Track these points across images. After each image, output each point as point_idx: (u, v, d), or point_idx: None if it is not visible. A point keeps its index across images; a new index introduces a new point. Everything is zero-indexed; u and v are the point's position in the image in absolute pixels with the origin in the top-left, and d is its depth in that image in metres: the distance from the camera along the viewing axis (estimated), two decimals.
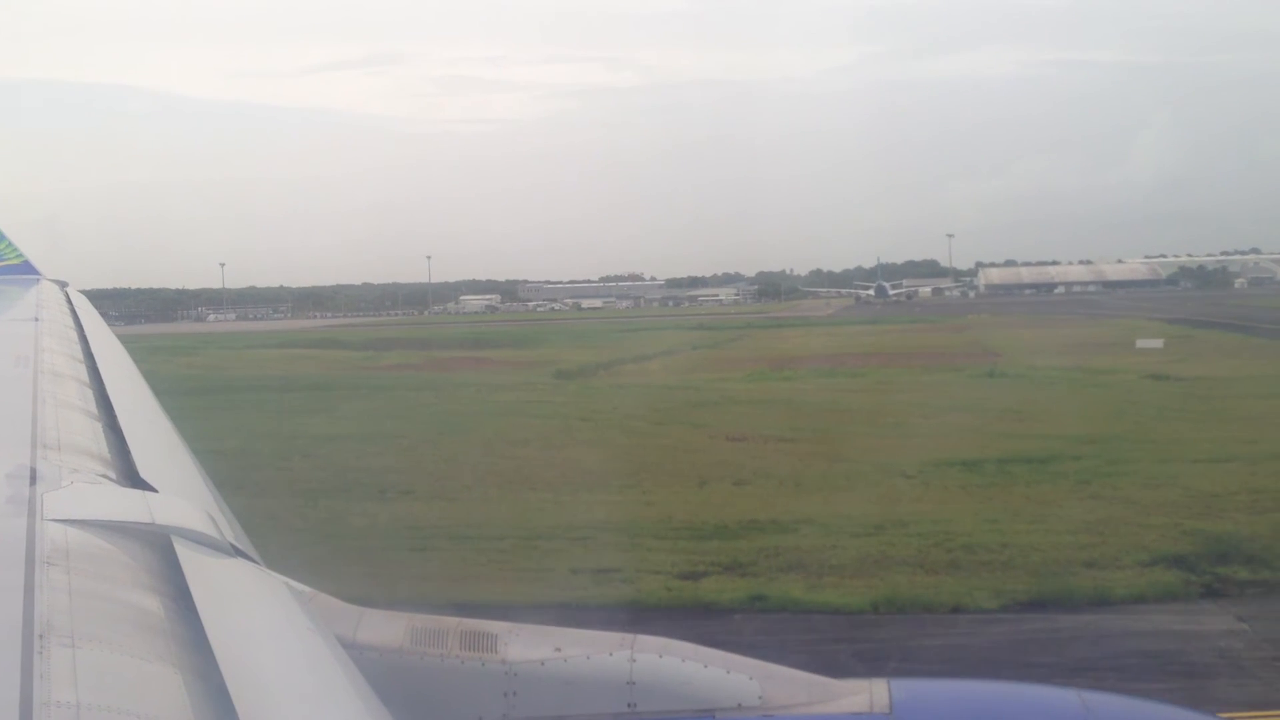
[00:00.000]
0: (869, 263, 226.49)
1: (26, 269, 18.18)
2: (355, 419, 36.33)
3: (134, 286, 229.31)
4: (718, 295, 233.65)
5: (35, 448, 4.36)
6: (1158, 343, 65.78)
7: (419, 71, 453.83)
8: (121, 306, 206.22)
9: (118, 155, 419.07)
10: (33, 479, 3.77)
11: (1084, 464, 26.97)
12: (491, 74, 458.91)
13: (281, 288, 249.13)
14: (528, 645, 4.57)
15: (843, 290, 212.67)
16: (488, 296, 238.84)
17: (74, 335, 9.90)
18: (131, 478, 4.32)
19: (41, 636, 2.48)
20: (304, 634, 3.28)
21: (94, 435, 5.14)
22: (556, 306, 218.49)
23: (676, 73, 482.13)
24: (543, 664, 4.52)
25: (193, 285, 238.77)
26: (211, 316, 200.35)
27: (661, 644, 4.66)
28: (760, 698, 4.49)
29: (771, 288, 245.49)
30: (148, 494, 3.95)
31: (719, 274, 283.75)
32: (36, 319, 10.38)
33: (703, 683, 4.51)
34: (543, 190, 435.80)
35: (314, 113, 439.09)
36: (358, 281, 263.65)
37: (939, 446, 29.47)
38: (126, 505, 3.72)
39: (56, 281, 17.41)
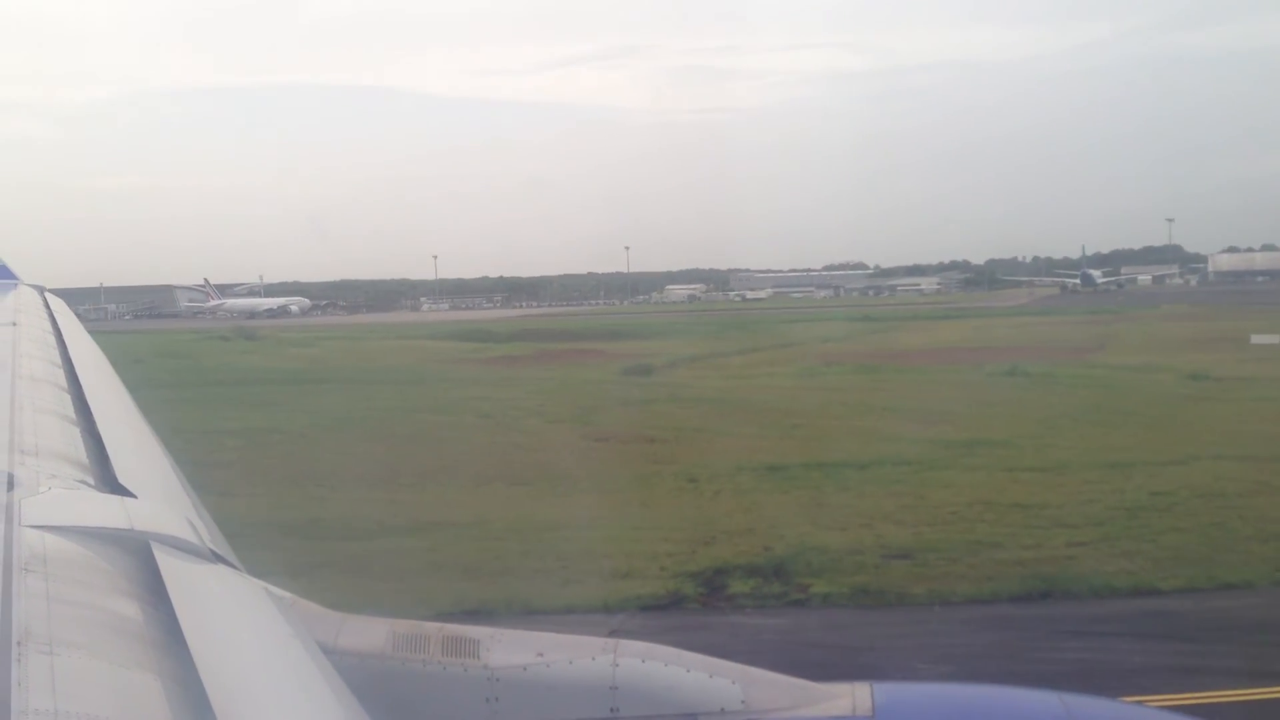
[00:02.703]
0: (1106, 247, 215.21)
1: (4, 274, 18.45)
2: (312, 413, 38.79)
3: (364, 278, 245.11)
4: (918, 285, 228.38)
5: (12, 453, 4.31)
6: (1275, 338, 61.90)
7: (652, 63, 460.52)
8: (349, 297, 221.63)
9: (373, 153, 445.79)
10: (10, 485, 3.74)
11: (903, 470, 27.03)
12: (725, 63, 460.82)
13: (500, 278, 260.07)
14: (509, 650, 4.58)
15: (1052, 278, 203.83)
16: (692, 286, 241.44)
17: (52, 340, 9.91)
18: (110, 483, 4.30)
19: (19, 643, 2.47)
20: (284, 640, 3.29)
21: (72, 441, 5.12)
22: (759, 296, 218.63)
23: (914, 55, 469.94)
24: (525, 669, 4.53)
25: (414, 276, 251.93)
26: (426, 306, 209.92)
27: (644, 648, 4.67)
28: (743, 702, 4.53)
29: (983, 276, 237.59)
30: (126, 500, 3.92)
31: (943, 261, 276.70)
32: (14, 324, 10.45)
33: (685, 687, 4.54)
34: (775, 178, 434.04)
35: (550, 108, 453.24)
36: (583, 271, 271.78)
37: (787, 449, 30.22)
38: (105, 511, 3.68)
39: (34, 286, 17.79)
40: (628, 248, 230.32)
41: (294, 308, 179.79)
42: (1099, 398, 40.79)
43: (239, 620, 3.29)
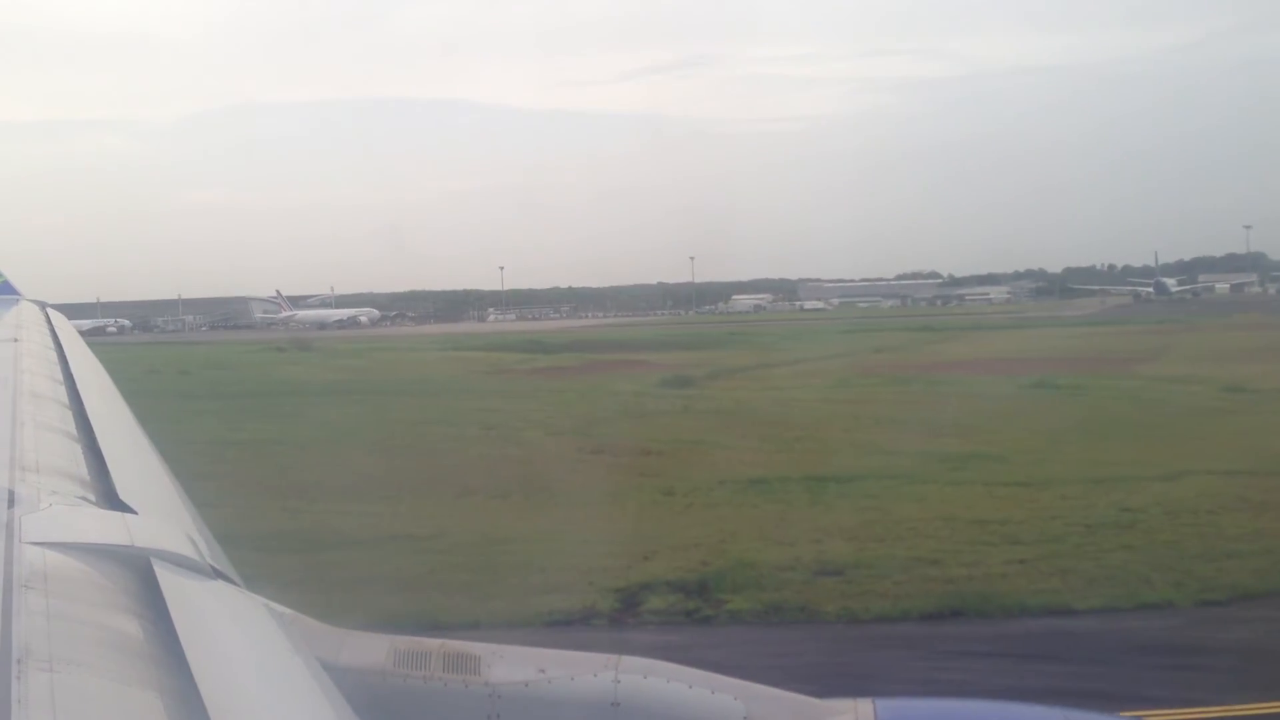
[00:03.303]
0: (1189, 254, 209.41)
1: (6, 289, 18.95)
2: (322, 424, 39.56)
3: (435, 289, 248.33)
4: (987, 294, 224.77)
5: (13, 470, 4.31)
6: None
7: (728, 72, 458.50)
8: (418, 307, 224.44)
9: (447, 165, 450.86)
10: (11, 501, 3.74)
11: (885, 484, 26.78)
12: (801, 71, 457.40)
13: (570, 289, 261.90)
14: (511, 667, 4.56)
15: (1128, 287, 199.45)
16: (758, 296, 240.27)
17: (53, 356, 9.89)
18: (111, 499, 4.28)
19: (19, 661, 2.46)
20: (285, 656, 3.28)
21: (73, 457, 5.12)
22: (817, 305, 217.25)
23: (994, 61, 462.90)
24: (526, 685, 4.51)
25: (485, 286, 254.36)
26: (493, 316, 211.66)
27: (646, 665, 4.64)
28: (745, 718, 4.50)
29: (1055, 285, 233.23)
30: (127, 516, 3.90)
31: (1018, 270, 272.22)
32: (16, 339, 10.47)
33: (688, 704, 4.50)
34: (849, 187, 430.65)
35: (626, 118, 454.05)
36: (653, 281, 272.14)
37: (779, 462, 30.22)
38: (105, 527, 3.67)
39: (36, 301, 18.09)
40: (693, 258, 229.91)
41: (363, 319, 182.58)
42: (1120, 410, 40.25)
43: (239, 637, 3.31)
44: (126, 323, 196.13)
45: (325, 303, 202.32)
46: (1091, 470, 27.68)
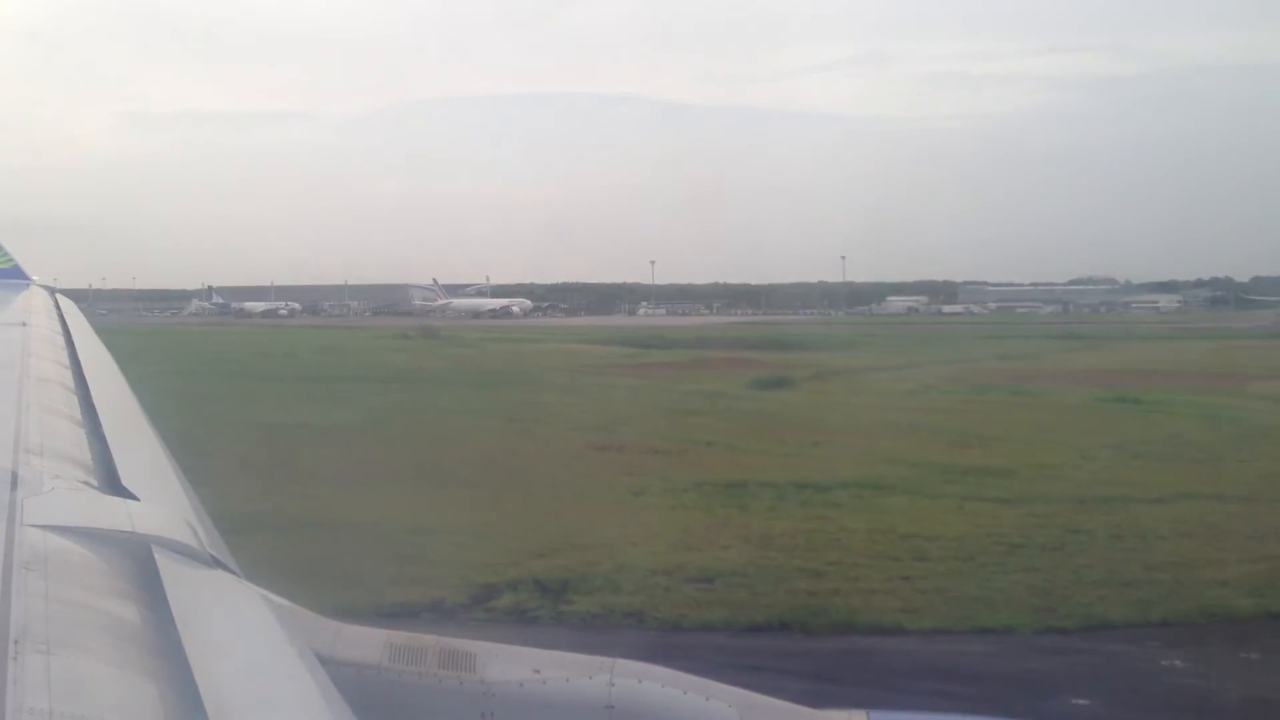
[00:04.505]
0: None
1: (16, 273, 19.35)
2: (366, 410, 40.75)
3: (591, 281, 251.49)
4: (1155, 303, 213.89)
5: (17, 452, 4.34)
6: None
7: (901, 70, 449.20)
8: (572, 299, 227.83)
9: (612, 160, 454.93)
10: (14, 484, 3.77)
11: (860, 493, 26.21)
12: (978, 69, 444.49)
13: (726, 285, 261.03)
14: (506, 666, 4.58)
15: None
16: (913, 298, 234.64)
17: (61, 341, 9.99)
18: (113, 485, 4.29)
19: (16, 642, 2.47)
20: (280, 647, 3.28)
21: (77, 441, 5.13)
22: (955, 310, 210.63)
23: (1182, 58, 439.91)
24: (521, 685, 4.53)
25: (645, 280, 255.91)
26: (643, 310, 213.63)
27: (641, 669, 4.66)
28: None
29: (1232, 294, 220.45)
30: (129, 502, 3.93)
31: (1200, 278, 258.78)
32: (24, 324, 10.59)
33: (681, 709, 4.52)
34: (1022, 187, 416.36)
35: (795, 115, 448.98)
36: (814, 280, 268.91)
37: (776, 466, 29.79)
38: (107, 513, 3.70)
39: (45, 286, 18.74)
40: (843, 257, 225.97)
41: (515, 308, 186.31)
42: (1185, 429, 38.00)
43: (236, 626, 3.31)
44: (296, 306, 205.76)
45: (481, 292, 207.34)
46: (1090, 489, 26.55)
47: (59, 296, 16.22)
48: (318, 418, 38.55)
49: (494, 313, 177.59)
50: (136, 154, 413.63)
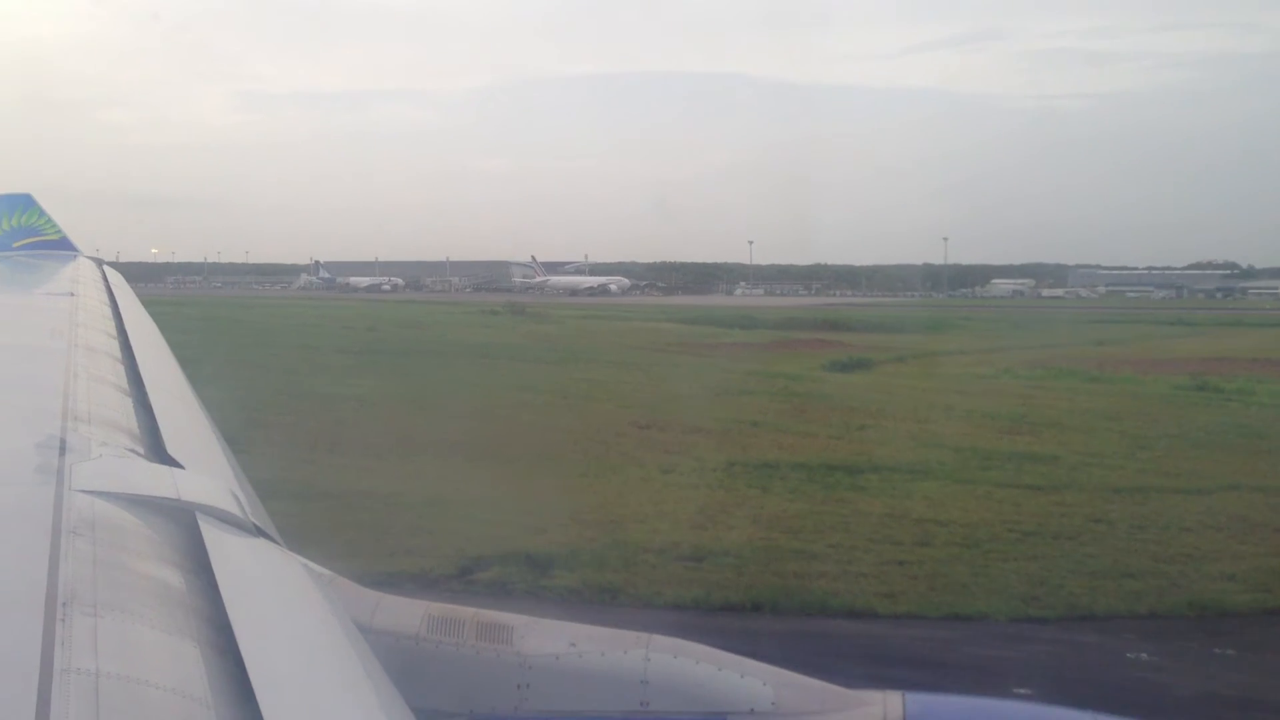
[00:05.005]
0: None
1: (64, 245, 19.41)
2: (418, 384, 41.41)
3: (691, 260, 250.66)
4: (1275, 289, 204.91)
5: (65, 419, 4.38)
6: None
7: (1017, 47, 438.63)
8: (670, 278, 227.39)
9: (716, 139, 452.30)
10: (62, 450, 3.80)
11: (892, 477, 25.75)
12: (1095, 45, 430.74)
13: (826, 265, 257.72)
14: (543, 639, 4.66)
15: None
16: (1019, 281, 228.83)
17: (108, 311, 10.04)
18: (159, 454, 4.33)
19: (65, 604, 2.51)
20: (322, 616, 3.34)
21: (124, 410, 5.15)
22: (1056, 294, 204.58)
23: None
24: (557, 658, 4.59)
25: (745, 260, 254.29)
26: (740, 290, 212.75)
27: (676, 645, 4.71)
28: (773, 703, 4.55)
29: None
30: (175, 470, 3.97)
31: None
32: (72, 294, 10.75)
33: (716, 685, 4.57)
34: (1143, 167, 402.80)
35: (907, 93, 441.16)
36: (919, 262, 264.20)
37: (814, 449, 29.42)
38: (153, 480, 3.75)
39: (93, 258, 18.73)
40: (946, 239, 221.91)
41: (613, 286, 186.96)
42: (1259, 420, 36.65)
43: (278, 593, 3.38)
44: (399, 281, 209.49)
45: (580, 270, 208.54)
46: (1132, 479, 25.81)
47: (106, 269, 16.30)
48: (371, 391, 39.21)
49: (591, 290, 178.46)
50: (252, 132, 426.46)
